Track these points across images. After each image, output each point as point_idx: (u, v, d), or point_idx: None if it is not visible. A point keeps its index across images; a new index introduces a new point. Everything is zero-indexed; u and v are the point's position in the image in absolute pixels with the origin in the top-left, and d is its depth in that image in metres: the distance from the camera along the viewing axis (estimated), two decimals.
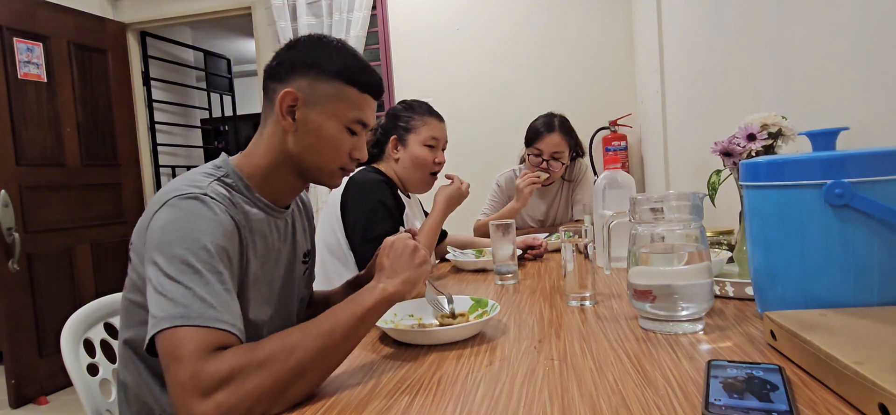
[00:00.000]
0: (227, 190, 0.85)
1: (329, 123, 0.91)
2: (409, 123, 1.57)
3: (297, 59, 0.92)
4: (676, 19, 2.27)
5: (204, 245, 0.73)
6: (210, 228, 0.75)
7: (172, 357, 0.64)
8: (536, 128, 2.21)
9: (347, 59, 0.93)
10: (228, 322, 0.68)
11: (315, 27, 3.45)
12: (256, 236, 0.88)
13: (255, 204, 0.90)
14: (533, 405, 0.57)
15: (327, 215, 1.51)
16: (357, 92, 0.93)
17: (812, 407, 0.51)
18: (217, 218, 0.77)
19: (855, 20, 0.98)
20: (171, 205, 0.76)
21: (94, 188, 3.37)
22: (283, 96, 0.89)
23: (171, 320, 0.66)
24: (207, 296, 0.69)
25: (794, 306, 0.68)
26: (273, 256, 0.93)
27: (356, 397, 0.64)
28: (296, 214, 1.06)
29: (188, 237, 0.73)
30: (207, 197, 0.79)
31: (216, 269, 0.72)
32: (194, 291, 0.68)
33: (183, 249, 0.71)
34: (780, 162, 0.70)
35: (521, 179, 2.02)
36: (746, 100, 1.52)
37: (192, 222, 0.75)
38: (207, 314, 0.67)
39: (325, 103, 0.91)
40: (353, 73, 0.92)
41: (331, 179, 0.97)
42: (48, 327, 3.03)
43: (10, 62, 2.91)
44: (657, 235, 0.79)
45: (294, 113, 0.90)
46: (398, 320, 0.93)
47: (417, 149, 1.55)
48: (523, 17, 3.32)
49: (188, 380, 0.61)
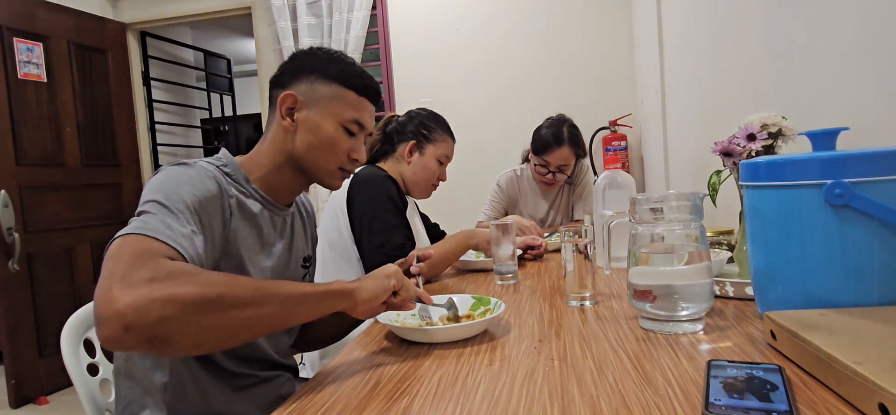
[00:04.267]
0: (223, 176, 0.88)
1: (327, 122, 0.96)
2: (432, 134, 1.61)
3: (298, 66, 0.98)
4: (676, 19, 2.27)
5: (181, 197, 0.76)
6: (191, 187, 0.79)
7: (114, 254, 0.63)
8: (545, 139, 2.15)
9: (345, 64, 0.98)
10: (182, 246, 0.69)
11: (315, 27, 3.45)
12: (247, 220, 0.90)
13: (250, 195, 0.93)
14: (533, 405, 0.57)
15: (331, 210, 1.50)
16: (354, 95, 0.98)
17: (812, 407, 0.51)
18: (201, 181, 0.81)
19: (855, 20, 0.98)
20: (161, 170, 0.81)
21: (94, 188, 3.37)
22: (283, 99, 0.95)
23: (124, 231, 0.67)
24: (171, 222, 0.71)
25: (794, 306, 0.68)
26: (266, 246, 0.95)
27: (356, 397, 0.64)
28: (297, 217, 1.07)
29: (167, 188, 0.76)
30: (196, 165, 0.83)
31: (187, 217, 0.74)
32: (158, 216, 0.71)
33: (160, 196, 0.74)
34: (780, 162, 0.70)
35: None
36: (746, 100, 1.52)
37: (174, 179, 0.78)
38: (163, 231, 0.68)
39: (324, 104, 0.96)
40: (351, 77, 0.98)
41: (330, 178, 1.00)
42: (48, 327, 3.03)
43: (10, 62, 2.91)
44: (657, 235, 0.79)
45: (293, 114, 0.95)
46: (403, 319, 0.93)
47: (431, 161, 1.60)
48: (523, 17, 3.32)
49: (121, 271, 0.59)
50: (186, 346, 0.62)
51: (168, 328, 0.58)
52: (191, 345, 0.62)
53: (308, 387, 0.69)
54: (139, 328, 0.56)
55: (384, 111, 3.55)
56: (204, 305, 0.61)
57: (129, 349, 0.59)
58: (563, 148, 2.14)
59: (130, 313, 0.56)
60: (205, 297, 0.61)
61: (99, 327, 0.57)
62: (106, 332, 0.57)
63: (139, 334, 0.57)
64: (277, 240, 0.98)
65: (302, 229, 1.08)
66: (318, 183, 1.01)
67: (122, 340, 0.56)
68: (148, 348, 0.59)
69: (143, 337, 0.57)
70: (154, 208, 0.72)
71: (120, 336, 0.56)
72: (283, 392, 0.98)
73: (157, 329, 0.57)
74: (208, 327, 0.61)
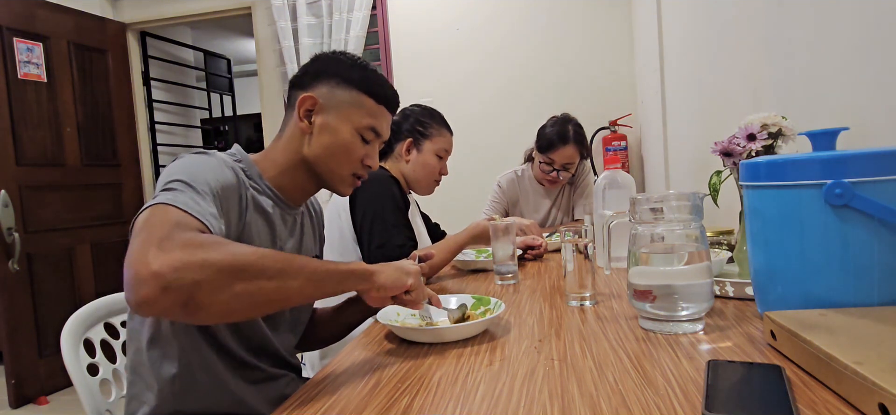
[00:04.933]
0: (239, 170, 0.89)
1: (344, 127, 0.96)
2: (428, 130, 1.61)
3: (320, 69, 0.98)
4: (676, 19, 2.27)
5: (206, 180, 0.77)
6: (213, 173, 0.79)
7: (148, 222, 0.64)
8: (550, 137, 2.17)
9: (367, 72, 0.99)
10: (210, 222, 0.70)
11: (315, 27, 3.45)
12: (260, 215, 0.91)
13: (263, 192, 0.93)
14: (533, 405, 0.57)
15: (333, 210, 1.50)
16: (373, 102, 0.99)
17: (812, 407, 0.51)
18: (220, 170, 0.82)
19: (855, 20, 0.98)
20: (182, 157, 0.81)
21: (94, 188, 3.37)
22: (302, 100, 0.95)
23: (155, 201, 0.69)
24: (199, 200, 0.72)
25: (794, 306, 0.68)
26: (278, 243, 0.95)
27: (356, 397, 0.65)
28: (306, 218, 1.08)
29: (192, 171, 0.77)
30: (216, 156, 0.84)
31: (210, 199, 0.75)
32: (186, 193, 0.72)
33: (186, 176, 0.75)
34: (780, 162, 0.70)
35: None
36: (746, 100, 1.52)
37: (198, 164, 0.79)
38: (192, 206, 0.69)
39: (342, 109, 0.96)
40: (371, 85, 0.98)
41: (342, 185, 1.01)
42: (48, 327, 3.03)
43: (10, 62, 2.91)
44: (657, 235, 0.79)
45: (311, 116, 0.96)
46: (403, 318, 0.93)
47: (430, 157, 1.60)
48: (523, 17, 3.32)
49: (156, 236, 0.61)
50: (219, 311, 0.63)
51: (202, 293, 0.59)
52: (222, 311, 0.64)
53: (308, 387, 0.70)
54: (177, 290, 0.57)
55: None
56: (236, 272, 0.62)
57: (162, 313, 0.59)
58: (568, 146, 2.16)
59: (170, 273, 0.57)
60: (237, 265, 0.62)
61: (135, 289, 0.57)
62: (143, 292, 0.57)
63: (176, 296, 0.58)
64: (288, 238, 0.98)
65: (311, 229, 1.09)
66: (329, 188, 1.01)
67: (157, 301, 0.57)
68: (182, 312, 0.60)
69: (180, 299, 0.58)
70: (180, 187, 0.73)
71: (156, 297, 0.57)
72: (287, 392, 0.98)
73: (192, 292, 0.58)
74: (239, 294, 0.63)
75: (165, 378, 0.85)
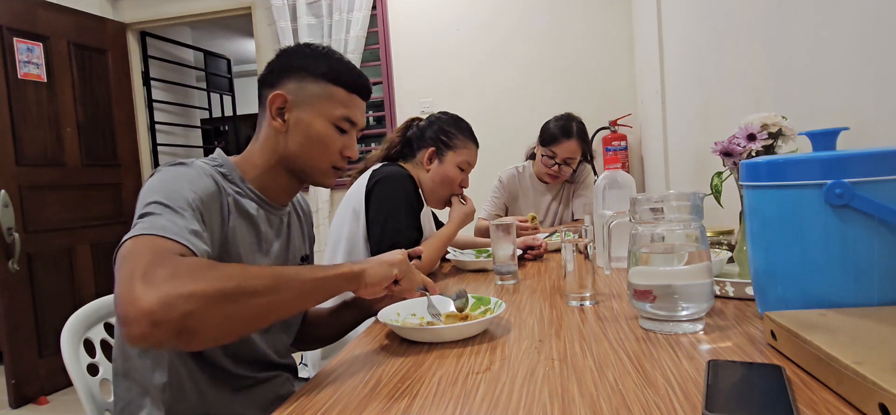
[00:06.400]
0: (219, 175, 0.88)
1: (318, 121, 0.95)
2: (453, 140, 1.57)
3: (286, 64, 0.96)
4: (676, 19, 2.27)
5: (183, 195, 0.76)
6: (191, 185, 0.79)
7: (129, 255, 0.64)
8: (554, 131, 2.21)
9: (333, 61, 0.97)
10: (191, 242, 0.70)
11: (315, 27, 3.45)
12: (243, 219, 0.91)
13: (246, 195, 0.93)
14: (533, 405, 0.57)
15: (347, 205, 1.48)
16: (344, 92, 0.97)
17: (812, 407, 0.51)
18: (199, 179, 0.81)
19: (855, 20, 0.98)
20: (159, 171, 0.82)
21: (94, 188, 3.37)
22: (272, 99, 0.93)
23: (134, 232, 0.68)
24: (177, 220, 0.72)
25: (794, 306, 0.68)
26: (264, 246, 0.95)
27: (356, 397, 0.64)
28: (294, 217, 1.07)
29: (168, 188, 0.77)
30: (194, 165, 0.84)
31: (190, 215, 0.75)
32: (163, 216, 0.72)
33: (162, 196, 0.75)
34: (780, 162, 0.70)
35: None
36: (746, 100, 1.52)
37: (173, 178, 0.79)
38: (172, 230, 0.69)
39: (314, 103, 0.95)
40: (339, 74, 0.96)
41: (324, 177, 1.00)
42: (48, 327, 3.03)
43: (10, 62, 2.91)
44: (657, 235, 0.79)
45: (284, 114, 0.94)
46: (403, 318, 0.93)
47: (451, 168, 1.56)
48: (523, 18, 3.32)
49: (140, 270, 0.61)
50: (212, 336, 0.64)
51: (193, 322, 0.60)
52: (216, 334, 0.64)
53: (308, 387, 0.69)
54: (167, 324, 0.58)
55: (384, 110, 3.56)
56: (224, 297, 0.63)
57: (157, 345, 0.60)
58: (571, 140, 2.19)
59: (158, 310, 0.58)
60: (224, 290, 0.63)
61: (126, 327, 0.58)
62: (135, 330, 0.58)
63: (167, 330, 0.58)
64: (274, 239, 0.98)
65: (299, 229, 1.08)
66: (312, 183, 1.00)
67: (150, 336, 0.58)
68: (176, 341, 0.61)
69: (172, 331, 0.59)
70: (157, 209, 0.72)
71: (148, 333, 0.58)
72: (282, 392, 0.98)
73: (183, 323, 0.59)
74: (230, 316, 0.64)
75: (157, 386, 0.85)
